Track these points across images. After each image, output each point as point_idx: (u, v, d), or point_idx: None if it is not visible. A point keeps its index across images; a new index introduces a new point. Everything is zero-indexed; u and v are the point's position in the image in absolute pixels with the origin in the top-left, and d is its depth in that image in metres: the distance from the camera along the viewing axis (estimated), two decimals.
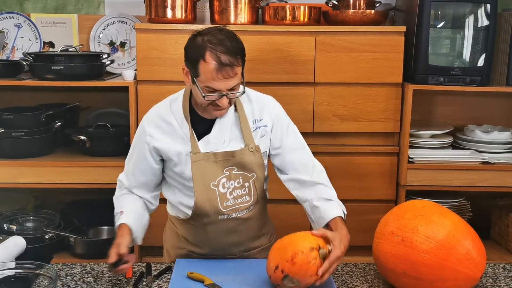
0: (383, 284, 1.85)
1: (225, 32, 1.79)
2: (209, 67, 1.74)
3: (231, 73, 1.76)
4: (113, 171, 2.83)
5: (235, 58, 1.76)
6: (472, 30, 2.84)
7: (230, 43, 1.77)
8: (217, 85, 1.77)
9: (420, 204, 1.81)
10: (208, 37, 1.77)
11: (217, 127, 1.92)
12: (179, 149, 1.90)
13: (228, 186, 1.92)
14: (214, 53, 1.74)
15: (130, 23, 3.19)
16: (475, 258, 1.67)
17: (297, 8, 2.85)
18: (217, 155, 1.90)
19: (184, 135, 1.91)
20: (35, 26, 3.15)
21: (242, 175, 1.93)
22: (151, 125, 1.93)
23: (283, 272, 1.65)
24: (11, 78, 2.93)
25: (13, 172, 2.84)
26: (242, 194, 1.95)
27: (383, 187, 2.95)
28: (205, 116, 1.92)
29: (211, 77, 1.76)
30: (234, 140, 1.93)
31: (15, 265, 1.79)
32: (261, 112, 1.97)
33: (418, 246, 1.67)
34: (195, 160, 1.89)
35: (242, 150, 1.92)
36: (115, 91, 2.98)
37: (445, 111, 3.22)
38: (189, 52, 1.82)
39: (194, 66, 1.79)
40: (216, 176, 1.91)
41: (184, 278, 1.81)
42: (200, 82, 1.79)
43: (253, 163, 1.93)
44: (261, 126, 1.96)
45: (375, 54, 2.81)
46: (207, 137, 1.91)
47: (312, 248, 1.66)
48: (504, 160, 2.90)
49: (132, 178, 2.00)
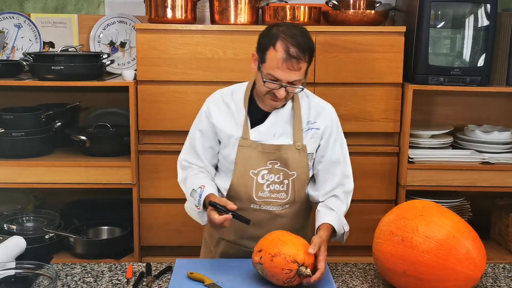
0: (383, 284, 1.85)
1: (300, 28, 1.89)
2: (276, 55, 1.83)
3: (296, 66, 1.84)
4: (113, 171, 2.86)
5: (303, 54, 1.84)
6: (472, 30, 2.84)
7: (301, 39, 1.85)
8: (279, 75, 1.85)
9: (420, 204, 1.81)
10: (282, 29, 1.86)
11: (271, 119, 2.00)
12: (231, 132, 1.99)
13: (267, 178, 1.99)
14: (285, 43, 1.83)
15: (130, 23, 3.19)
16: (475, 258, 1.67)
17: (297, 8, 2.85)
18: (264, 146, 1.97)
19: (239, 120, 2.00)
20: (35, 26, 3.15)
21: (283, 171, 1.99)
22: (212, 104, 2.04)
23: (260, 259, 1.73)
24: (11, 78, 2.93)
25: (13, 172, 2.84)
26: (279, 190, 2.00)
27: (383, 187, 2.95)
28: (263, 108, 2.00)
29: (276, 65, 1.84)
30: (284, 135, 2.00)
31: (15, 265, 1.78)
32: (317, 116, 2.03)
33: (418, 246, 1.67)
34: (242, 145, 1.97)
35: (288, 146, 1.98)
36: (115, 91, 2.99)
37: (445, 111, 3.22)
38: (262, 39, 1.91)
39: (263, 52, 1.88)
40: (258, 166, 1.98)
41: (184, 278, 1.81)
42: (265, 68, 1.87)
43: (296, 161, 1.98)
44: (313, 128, 2.02)
45: (375, 54, 2.81)
46: (259, 126, 1.99)
47: (295, 261, 1.70)
48: (504, 160, 2.90)
49: (200, 157, 2.05)
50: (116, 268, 1.94)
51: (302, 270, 1.70)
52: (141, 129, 2.88)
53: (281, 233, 1.80)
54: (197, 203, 1.91)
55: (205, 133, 2.03)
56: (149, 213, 2.96)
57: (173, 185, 2.89)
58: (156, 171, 2.91)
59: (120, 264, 1.96)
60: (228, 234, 2.08)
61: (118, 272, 1.90)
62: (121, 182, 2.87)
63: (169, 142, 2.90)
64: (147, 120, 2.86)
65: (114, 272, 1.90)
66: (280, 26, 1.89)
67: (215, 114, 2.02)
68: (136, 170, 2.88)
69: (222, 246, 2.13)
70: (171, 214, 2.95)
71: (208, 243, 2.19)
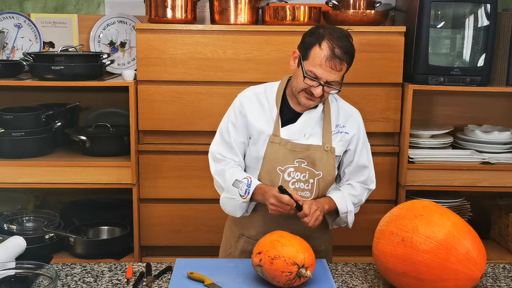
0: (383, 284, 1.85)
1: (346, 33, 1.96)
2: (321, 53, 1.90)
3: (338, 66, 1.91)
4: (113, 171, 2.86)
5: (346, 56, 1.92)
6: (472, 30, 2.84)
7: (346, 43, 1.93)
8: (320, 72, 1.91)
9: (420, 204, 1.81)
10: (329, 31, 1.94)
11: (303, 120, 2.05)
12: (262, 128, 2.04)
13: (293, 176, 2.03)
14: (331, 43, 1.90)
15: (130, 23, 3.19)
16: (475, 258, 1.67)
17: (297, 8, 2.85)
18: (294, 145, 2.02)
19: (270, 118, 2.05)
20: (35, 26, 3.15)
21: (309, 171, 2.03)
22: (246, 100, 2.09)
23: (260, 261, 1.73)
24: (11, 78, 2.93)
25: (13, 172, 2.84)
26: (304, 189, 2.04)
27: (383, 187, 2.95)
28: (294, 108, 2.06)
29: (319, 63, 1.90)
30: (314, 136, 2.05)
31: (15, 265, 1.79)
32: (346, 121, 2.10)
33: (418, 246, 1.67)
34: (272, 142, 2.02)
35: (317, 147, 2.03)
36: (115, 91, 2.99)
37: (445, 111, 3.22)
38: (307, 37, 1.97)
39: (308, 49, 1.93)
40: (286, 163, 2.02)
41: (184, 278, 1.81)
42: (306, 65, 1.93)
43: (323, 162, 2.03)
44: (342, 131, 2.09)
45: (375, 54, 2.81)
46: (291, 126, 2.05)
47: (295, 263, 1.70)
48: (504, 160, 2.90)
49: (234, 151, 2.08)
50: (116, 268, 1.94)
51: (302, 272, 1.71)
52: (141, 129, 2.88)
53: (280, 235, 1.80)
54: (244, 193, 1.98)
55: (238, 127, 2.07)
56: (149, 213, 2.96)
57: (173, 185, 2.92)
58: (156, 171, 2.91)
59: (120, 264, 1.96)
60: (249, 229, 2.13)
61: (118, 272, 1.90)
62: (121, 182, 2.87)
63: (169, 142, 2.90)
64: (147, 120, 2.86)
65: (114, 272, 1.90)
66: (327, 28, 1.95)
67: (249, 109, 2.06)
68: (136, 170, 2.88)
69: (242, 242, 2.16)
70: (171, 214, 2.95)
71: (229, 238, 2.23)
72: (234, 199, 2.02)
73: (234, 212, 2.07)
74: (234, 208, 2.06)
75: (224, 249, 2.26)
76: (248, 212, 2.08)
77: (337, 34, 1.92)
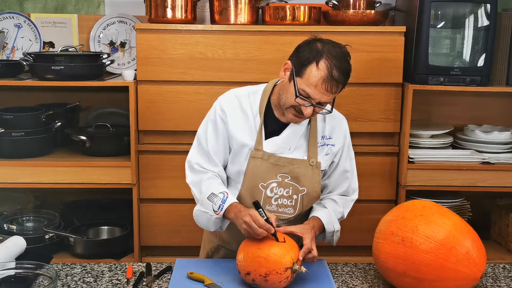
0: (383, 284, 1.86)
1: (344, 51, 1.83)
2: (317, 74, 1.77)
3: (333, 89, 1.79)
4: (113, 171, 2.86)
5: (342, 78, 1.79)
6: (472, 30, 2.84)
7: (345, 64, 1.80)
8: (313, 93, 1.78)
9: (420, 204, 1.81)
10: (328, 47, 1.80)
11: (288, 132, 1.93)
12: (244, 141, 1.92)
13: (276, 192, 1.93)
14: (329, 64, 1.77)
15: (130, 23, 3.19)
16: (475, 258, 1.67)
17: (297, 8, 2.85)
18: (277, 159, 1.91)
19: (254, 128, 1.92)
20: (35, 26, 3.15)
21: (293, 186, 1.93)
22: (227, 105, 1.95)
23: (254, 281, 1.72)
24: (11, 78, 2.93)
25: (13, 172, 2.84)
26: (287, 205, 1.95)
27: (383, 187, 2.95)
28: (280, 118, 1.93)
29: (314, 83, 1.77)
30: (298, 149, 1.94)
31: (15, 265, 1.79)
32: (332, 130, 1.99)
33: (418, 246, 1.67)
34: (254, 156, 1.90)
35: (302, 161, 1.92)
36: (115, 91, 2.98)
37: (445, 111, 3.21)
38: (303, 51, 1.82)
39: (303, 66, 1.79)
40: (268, 178, 1.91)
41: (184, 278, 1.82)
42: (299, 83, 1.80)
43: (308, 177, 1.93)
44: (328, 144, 1.98)
45: (375, 54, 2.81)
46: (275, 138, 1.92)
47: (287, 268, 1.70)
48: (504, 160, 2.90)
49: (213, 161, 1.96)
50: (116, 268, 1.94)
51: (296, 268, 1.71)
52: (141, 129, 2.88)
53: (256, 247, 1.72)
54: (217, 208, 1.84)
55: (218, 134, 1.95)
56: (149, 213, 2.96)
57: (173, 185, 2.91)
58: (156, 171, 2.91)
59: (120, 264, 1.97)
60: (230, 243, 2.05)
61: (118, 272, 1.90)
62: (121, 182, 2.86)
63: (169, 142, 2.90)
64: (147, 120, 2.86)
65: (114, 272, 1.90)
66: (324, 42, 1.82)
67: (230, 116, 1.93)
68: (136, 170, 2.88)
69: (221, 254, 2.10)
70: (171, 214, 2.95)
71: (207, 248, 2.16)
72: (207, 213, 1.88)
73: (207, 226, 1.94)
74: (208, 223, 1.91)
75: (202, 257, 2.20)
76: (222, 228, 1.94)
77: (336, 52, 1.79)
